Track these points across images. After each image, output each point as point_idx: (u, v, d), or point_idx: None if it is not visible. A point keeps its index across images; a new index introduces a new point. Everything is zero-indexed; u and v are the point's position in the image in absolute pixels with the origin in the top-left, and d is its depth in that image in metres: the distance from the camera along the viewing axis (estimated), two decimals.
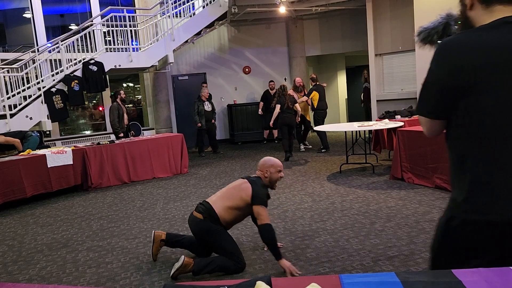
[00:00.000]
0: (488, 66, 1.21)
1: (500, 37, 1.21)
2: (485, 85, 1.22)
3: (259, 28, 11.90)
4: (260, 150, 10.01)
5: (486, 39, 1.22)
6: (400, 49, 9.26)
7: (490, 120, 1.24)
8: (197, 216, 3.28)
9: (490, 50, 1.21)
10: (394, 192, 5.22)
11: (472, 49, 1.23)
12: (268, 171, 3.33)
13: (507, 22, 1.23)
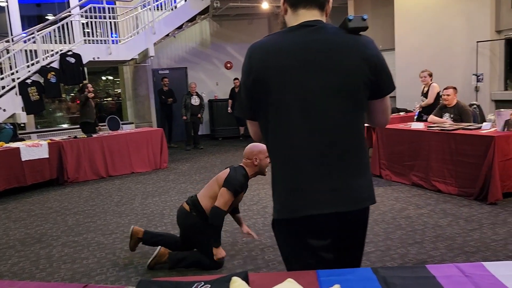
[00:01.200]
0: (274, 67, 1.33)
1: (291, 40, 1.35)
2: (273, 86, 1.34)
3: (241, 23, 11.85)
4: (240, 145, 9.99)
5: (280, 42, 1.36)
6: (381, 47, 9.33)
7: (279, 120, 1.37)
8: (185, 208, 3.25)
9: (278, 52, 1.34)
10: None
11: (265, 52, 1.36)
12: (257, 158, 3.19)
13: (303, 26, 1.37)
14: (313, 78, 1.34)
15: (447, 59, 7.60)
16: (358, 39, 1.38)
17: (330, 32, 1.39)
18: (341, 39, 1.37)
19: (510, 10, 7.00)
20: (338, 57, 1.35)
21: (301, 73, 1.34)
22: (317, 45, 1.35)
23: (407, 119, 6.98)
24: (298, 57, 1.34)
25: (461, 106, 5.52)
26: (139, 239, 3.44)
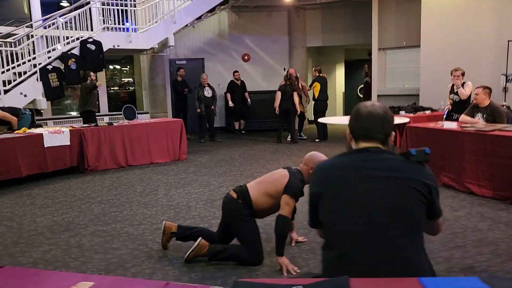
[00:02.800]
0: (331, 180, 1.58)
1: (347, 160, 1.61)
2: (328, 196, 1.57)
3: (260, 16, 11.70)
4: (257, 139, 9.90)
5: (339, 161, 1.63)
6: (405, 44, 9.19)
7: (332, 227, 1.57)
8: (232, 195, 3.19)
9: (335, 169, 1.61)
10: None
11: (328, 169, 1.64)
12: (309, 169, 3.17)
13: (359, 150, 1.61)
14: (370, 195, 1.50)
15: (475, 58, 7.44)
16: (416, 165, 1.55)
17: (390, 155, 1.57)
18: (400, 162, 1.55)
19: None
20: (396, 177, 1.51)
21: (360, 189, 1.52)
22: (376, 164, 1.54)
23: (433, 118, 6.85)
24: (357, 173, 1.54)
25: (495, 107, 5.38)
26: (173, 234, 3.37)
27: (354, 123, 1.63)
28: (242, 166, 6.83)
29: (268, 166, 6.71)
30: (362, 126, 1.59)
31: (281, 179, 3.10)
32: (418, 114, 7.11)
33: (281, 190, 3.07)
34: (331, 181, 1.58)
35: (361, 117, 1.60)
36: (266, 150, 8.38)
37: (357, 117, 1.62)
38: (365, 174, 1.53)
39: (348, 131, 1.68)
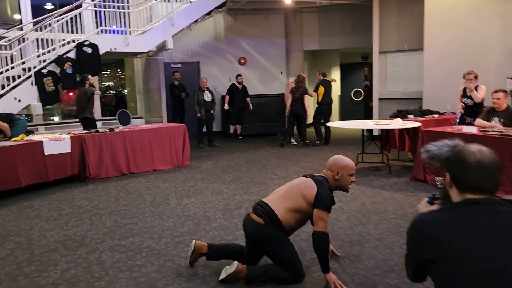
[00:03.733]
0: (446, 243, 1.37)
1: (459, 217, 1.41)
2: (445, 259, 1.37)
3: (257, 18, 11.53)
4: (257, 143, 9.70)
5: (449, 220, 1.42)
6: (406, 47, 9.14)
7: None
8: (257, 221, 2.91)
9: (448, 230, 1.39)
10: (423, 195, 5.04)
11: (437, 229, 1.41)
12: (339, 173, 2.96)
13: (470, 203, 1.43)
14: (499, 257, 1.33)
15: (480, 62, 7.40)
16: None
17: (506, 207, 1.41)
18: None
19: None
20: None
21: (484, 252, 1.35)
22: (497, 221, 1.38)
23: (443, 122, 6.77)
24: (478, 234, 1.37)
25: None
26: (202, 254, 3.13)
27: (462, 173, 1.45)
28: (250, 172, 6.62)
29: (277, 172, 6.51)
30: (473, 177, 1.42)
31: (309, 191, 2.87)
32: (426, 118, 7.02)
33: (310, 203, 2.87)
34: (445, 245, 1.37)
35: (469, 168, 1.43)
36: (270, 155, 8.19)
37: (464, 166, 1.44)
38: (487, 232, 1.35)
39: (448, 178, 1.50)
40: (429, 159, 1.93)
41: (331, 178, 2.97)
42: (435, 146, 1.91)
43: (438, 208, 1.56)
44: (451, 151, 1.81)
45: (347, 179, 2.97)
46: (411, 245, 1.49)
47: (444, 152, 1.83)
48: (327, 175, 3.00)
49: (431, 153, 1.91)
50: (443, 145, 1.87)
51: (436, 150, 1.88)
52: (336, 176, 2.95)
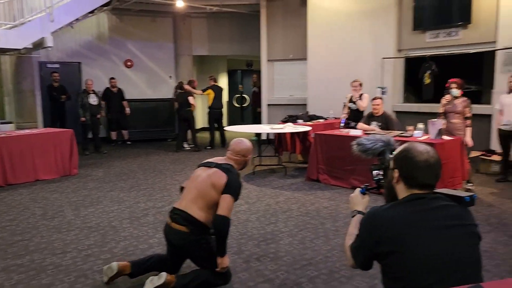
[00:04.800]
0: (402, 238, 1.54)
1: (409, 211, 1.58)
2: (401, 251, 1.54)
3: (144, 20, 11.17)
4: (147, 149, 9.37)
5: (401, 213, 1.59)
6: (291, 57, 9.78)
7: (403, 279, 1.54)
8: (180, 229, 2.81)
9: (402, 224, 1.56)
10: (319, 193, 5.47)
11: (391, 223, 1.57)
12: (247, 155, 3.04)
13: (416, 198, 1.61)
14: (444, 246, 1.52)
15: (356, 72, 8.24)
16: (468, 209, 1.64)
17: (445, 201, 1.61)
18: (458, 208, 1.61)
19: (410, 32, 7.99)
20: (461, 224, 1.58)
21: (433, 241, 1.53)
22: (440, 213, 1.57)
23: (329, 126, 7.40)
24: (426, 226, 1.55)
25: (388, 115, 6.10)
26: (125, 274, 2.92)
27: (412, 172, 1.61)
28: (149, 179, 6.39)
29: (177, 177, 6.40)
30: (422, 175, 1.59)
31: (219, 180, 2.83)
32: (314, 122, 7.61)
33: (220, 191, 2.81)
34: (402, 239, 1.52)
35: (419, 167, 1.59)
36: (165, 160, 8.00)
37: (414, 166, 1.60)
38: (434, 225, 1.53)
39: (397, 175, 1.65)
40: (362, 152, 2.11)
41: (237, 161, 3.00)
42: (368, 140, 2.10)
43: (388, 203, 1.69)
44: (385, 146, 2.03)
45: (249, 159, 3.08)
46: (366, 238, 1.63)
47: (378, 147, 2.04)
48: (232, 159, 3.01)
49: (364, 147, 2.10)
50: (377, 140, 2.07)
51: (370, 144, 2.07)
52: (242, 158, 3.02)
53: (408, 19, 7.95)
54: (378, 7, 8.19)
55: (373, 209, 1.67)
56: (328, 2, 8.75)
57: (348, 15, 8.54)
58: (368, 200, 2.00)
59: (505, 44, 6.64)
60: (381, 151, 2.05)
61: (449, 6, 7.35)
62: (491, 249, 3.51)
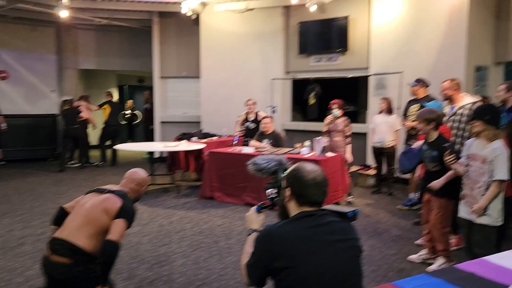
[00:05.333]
0: (293, 253, 1.65)
1: (300, 228, 1.69)
2: (294, 266, 1.64)
3: (22, 29, 10.20)
4: (25, 170, 8.49)
5: (293, 230, 1.69)
6: (185, 74, 9.76)
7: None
8: (63, 261, 2.54)
9: (294, 240, 1.66)
10: (213, 211, 5.49)
11: (285, 240, 1.66)
12: (143, 186, 2.93)
13: (307, 215, 1.72)
14: (333, 260, 1.64)
15: (248, 92, 8.53)
16: (351, 224, 1.80)
17: (332, 217, 1.74)
18: (343, 223, 1.76)
19: (296, 56, 8.56)
20: (347, 239, 1.72)
21: (323, 257, 1.63)
22: (328, 229, 1.69)
23: (223, 143, 7.47)
24: (317, 241, 1.65)
25: (277, 133, 6.41)
26: None
27: (303, 190, 1.72)
28: (26, 203, 5.79)
29: (60, 200, 5.87)
30: (312, 193, 1.71)
31: (113, 205, 2.66)
32: (208, 140, 7.65)
33: (113, 216, 2.63)
34: (294, 255, 1.61)
35: (308, 185, 1.71)
36: (45, 182, 7.32)
37: (304, 184, 1.72)
38: (323, 240, 1.65)
39: (289, 193, 1.75)
40: (257, 171, 2.19)
41: (132, 189, 2.88)
42: (263, 159, 2.18)
43: (280, 221, 1.79)
44: (278, 166, 2.13)
45: (143, 190, 3.00)
46: (261, 255, 1.69)
47: (272, 166, 2.13)
48: (127, 187, 2.88)
49: (258, 166, 2.18)
50: (271, 160, 2.16)
51: (264, 164, 2.16)
52: (137, 187, 2.92)
53: (294, 43, 8.51)
54: (267, 31, 8.63)
55: (267, 227, 1.75)
56: (220, 23, 8.96)
57: (239, 37, 8.85)
58: (263, 218, 2.05)
59: (376, 70, 7.48)
60: (274, 170, 2.15)
61: (329, 33, 8.06)
62: (368, 256, 3.86)
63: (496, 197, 3.04)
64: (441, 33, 6.52)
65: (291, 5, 8.14)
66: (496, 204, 3.05)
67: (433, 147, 3.53)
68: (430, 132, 3.57)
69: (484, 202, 3.03)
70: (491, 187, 3.02)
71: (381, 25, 7.35)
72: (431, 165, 3.59)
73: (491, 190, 3.02)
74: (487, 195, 3.03)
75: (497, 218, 3.07)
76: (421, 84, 5.45)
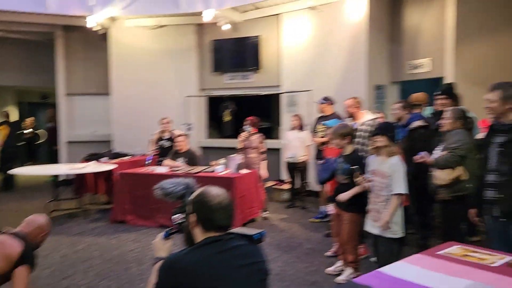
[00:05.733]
0: (200, 280, 1.59)
1: (208, 255, 1.63)
2: None
3: None
4: None
5: (200, 258, 1.62)
6: (94, 91, 9.27)
7: None
8: None
9: (201, 267, 1.61)
10: (124, 235, 5.20)
11: (191, 268, 1.60)
12: (40, 230, 2.77)
13: (214, 240, 1.67)
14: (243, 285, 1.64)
15: (163, 109, 8.31)
16: (259, 246, 1.79)
17: (239, 241, 1.71)
18: (250, 246, 1.74)
19: (210, 73, 8.58)
20: (254, 262, 1.71)
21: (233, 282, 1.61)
22: (236, 253, 1.67)
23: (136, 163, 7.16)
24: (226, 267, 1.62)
25: (192, 152, 6.31)
26: None
27: (208, 215, 1.67)
28: None
29: None
30: (218, 218, 1.67)
31: (13, 249, 2.56)
32: (120, 160, 7.29)
33: (13, 262, 2.56)
34: (201, 283, 1.56)
35: (214, 210, 1.67)
36: None
37: (209, 209, 1.67)
38: (230, 266, 1.61)
39: (194, 219, 1.70)
40: (164, 195, 2.10)
41: (32, 233, 2.74)
42: (170, 183, 2.10)
43: (186, 247, 1.72)
44: (185, 190, 2.06)
45: (45, 236, 2.86)
46: (164, 285, 1.61)
47: (179, 190, 2.06)
48: (32, 234, 2.74)
49: (166, 190, 2.10)
50: (178, 183, 2.09)
51: (171, 188, 2.08)
52: (37, 231, 2.75)
53: (208, 61, 8.53)
54: (181, 48, 8.56)
55: (171, 256, 1.68)
56: (131, 39, 8.70)
57: (152, 53, 8.65)
58: (170, 245, 1.97)
59: (287, 88, 7.75)
60: (182, 194, 2.08)
61: (242, 52, 8.22)
62: (282, 272, 3.91)
63: (397, 210, 3.25)
64: (345, 55, 6.97)
65: (204, 23, 8.17)
66: (397, 217, 3.27)
67: (347, 160, 3.71)
68: (344, 146, 3.75)
69: (388, 216, 3.23)
70: (392, 200, 3.24)
71: (291, 46, 7.67)
72: (342, 177, 3.76)
73: (392, 204, 3.23)
74: (389, 209, 3.23)
75: (398, 231, 3.29)
76: (328, 102, 5.74)
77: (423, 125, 4.27)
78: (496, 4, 5.75)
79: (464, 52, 5.70)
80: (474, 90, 5.44)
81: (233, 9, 7.81)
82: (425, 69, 6.31)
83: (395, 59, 6.86)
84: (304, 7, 7.22)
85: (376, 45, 6.76)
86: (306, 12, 7.29)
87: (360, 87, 6.63)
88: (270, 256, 4.39)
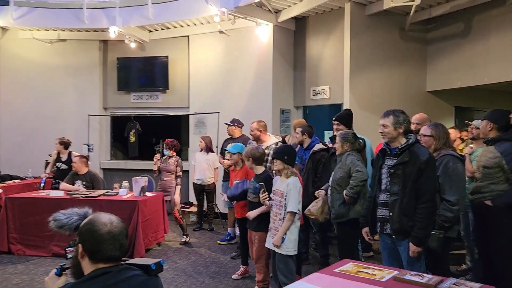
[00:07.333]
0: None
1: None
2: None
3: None
4: None
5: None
6: None
7: None
8: None
9: None
10: (10, 268, 4.66)
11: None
12: None
13: (103, 273, 1.54)
14: None
15: (61, 127, 7.73)
16: (156, 278, 1.67)
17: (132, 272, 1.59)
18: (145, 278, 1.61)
19: (115, 92, 8.22)
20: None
21: None
22: (126, 286, 1.54)
23: (28, 187, 6.57)
24: None
25: (93, 174, 5.91)
26: None
27: (96, 245, 1.54)
28: None
29: None
30: (107, 248, 1.54)
31: None
32: (8, 184, 6.57)
33: None
34: None
35: (103, 240, 1.54)
36: None
37: (97, 239, 1.54)
38: None
39: (81, 250, 1.57)
40: (59, 228, 1.91)
41: None
42: (64, 214, 1.91)
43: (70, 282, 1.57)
44: (81, 220, 1.89)
45: None
46: None
47: (74, 221, 1.88)
48: None
49: (60, 222, 1.90)
50: (73, 214, 1.91)
51: (66, 219, 1.89)
52: None
53: (113, 79, 8.19)
54: (84, 64, 8.11)
55: None
56: (26, 51, 8.06)
57: (50, 68, 8.08)
58: (64, 282, 1.77)
59: (196, 110, 7.72)
60: (77, 226, 1.91)
61: (150, 71, 8.03)
62: None
63: (289, 227, 3.37)
64: (252, 79, 7.17)
65: (109, 40, 7.86)
66: (290, 235, 3.40)
67: (257, 180, 3.78)
68: (254, 167, 3.82)
69: (280, 233, 3.37)
70: (286, 218, 3.37)
71: (200, 67, 7.68)
72: (252, 196, 3.81)
73: (285, 221, 3.37)
74: (282, 227, 3.38)
75: (292, 248, 3.41)
76: (236, 124, 5.81)
77: (323, 147, 4.52)
78: (383, 40, 6.40)
79: (358, 81, 6.20)
80: (366, 116, 5.95)
81: (141, 27, 7.64)
82: (326, 96, 6.73)
83: (299, 85, 7.22)
84: (213, 30, 7.31)
85: (281, 72, 7.06)
86: (215, 35, 7.38)
87: (267, 110, 6.84)
88: (175, 281, 4.25)
